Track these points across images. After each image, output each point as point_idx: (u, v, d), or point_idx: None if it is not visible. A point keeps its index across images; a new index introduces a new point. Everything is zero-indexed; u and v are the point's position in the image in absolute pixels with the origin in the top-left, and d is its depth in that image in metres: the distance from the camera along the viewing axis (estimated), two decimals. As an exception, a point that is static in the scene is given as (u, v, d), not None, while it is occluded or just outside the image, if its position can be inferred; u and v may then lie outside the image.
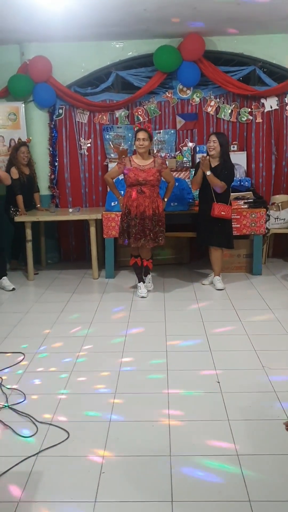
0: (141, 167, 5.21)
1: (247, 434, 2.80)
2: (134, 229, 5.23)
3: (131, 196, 5.23)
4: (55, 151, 6.88)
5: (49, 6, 4.99)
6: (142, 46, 6.60)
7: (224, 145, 5.45)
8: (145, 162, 5.23)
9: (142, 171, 5.18)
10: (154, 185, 5.25)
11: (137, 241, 5.26)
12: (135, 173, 5.18)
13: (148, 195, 5.21)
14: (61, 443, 2.76)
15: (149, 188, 5.21)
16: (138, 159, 5.26)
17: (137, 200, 5.21)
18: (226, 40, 6.56)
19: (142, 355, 3.93)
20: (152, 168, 5.21)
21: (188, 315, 4.83)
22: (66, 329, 4.54)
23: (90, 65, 6.70)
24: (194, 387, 3.37)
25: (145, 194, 5.20)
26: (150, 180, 5.18)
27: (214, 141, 5.40)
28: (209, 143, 5.45)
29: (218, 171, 5.41)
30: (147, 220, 5.21)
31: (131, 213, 5.24)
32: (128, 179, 5.23)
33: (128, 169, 5.22)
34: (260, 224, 6.01)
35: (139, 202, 5.21)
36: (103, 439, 2.78)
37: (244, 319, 4.65)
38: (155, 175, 5.20)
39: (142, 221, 5.22)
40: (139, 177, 5.16)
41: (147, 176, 5.17)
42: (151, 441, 2.76)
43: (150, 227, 5.24)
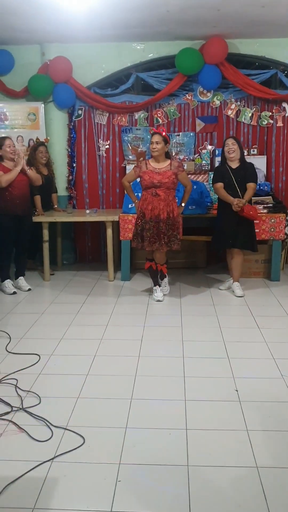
0: (156, 169, 5.17)
1: (266, 446, 2.73)
2: (148, 233, 5.19)
3: (146, 199, 5.19)
4: (73, 152, 6.87)
5: (72, 6, 4.98)
6: (163, 48, 6.56)
7: (241, 148, 5.48)
8: (161, 165, 5.20)
9: (157, 173, 5.14)
10: (170, 188, 5.19)
11: (152, 244, 5.21)
12: (150, 176, 5.14)
13: (163, 198, 5.16)
14: (76, 448, 2.71)
15: (164, 191, 5.16)
16: (154, 162, 5.23)
17: (152, 203, 5.16)
18: (248, 43, 6.49)
19: (158, 360, 3.88)
20: (168, 170, 5.17)
21: (205, 321, 4.77)
22: (81, 331, 4.51)
23: (111, 66, 6.68)
24: (212, 395, 3.31)
25: (160, 197, 5.15)
26: (165, 182, 5.13)
27: (233, 144, 5.39)
28: (227, 146, 5.40)
29: (240, 172, 5.38)
30: (161, 223, 5.16)
31: (145, 216, 5.19)
32: (143, 182, 5.21)
33: (143, 172, 5.19)
34: (279, 230, 5.93)
35: (154, 205, 5.16)
36: (119, 446, 2.73)
37: (263, 326, 4.58)
38: (170, 178, 5.15)
39: (157, 224, 5.16)
40: (154, 179, 5.12)
41: (162, 179, 5.12)
42: (168, 450, 2.71)
43: (164, 231, 5.18)
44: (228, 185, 5.40)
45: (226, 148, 5.43)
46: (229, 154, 5.39)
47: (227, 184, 5.41)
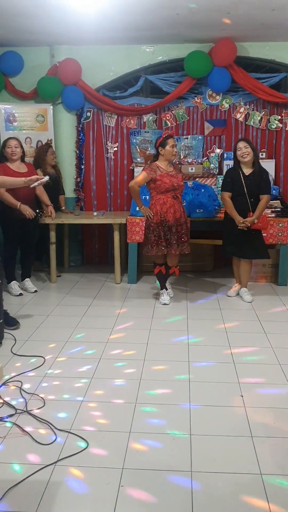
0: (169, 172, 5.14)
1: (271, 453, 2.70)
2: (174, 236, 5.18)
3: (166, 202, 5.12)
4: (81, 154, 6.87)
5: (82, 8, 4.98)
6: (172, 50, 6.55)
7: (255, 149, 5.31)
8: (170, 168, 5.20)
9: (172, 176, 5.13)
10: (182, 191, 5.31)
11: (178, 247, 5.23)
12: (170, 179, 5.09)
13: (180, 201, 5.26)
14: (80, 452, 2.70)
15: (180, 194, 5.25)
16: (164, 165, 5.16)
17: (173, 206, 5.14)
18: (257, 46, 6.47)
19: (164, 364, 3.86)
20: (178, 174, 5.21)
21: (211, 325, 4.74)
22: (87, 334, 4.50)
23: (120, 69, 6.68)
24: (217, 401, 3.28)
25: (179, 199, 5.21)
26: (181, 185, 5.20)
27: (245, 147, 5.18)
28: (240, 150, 5.20)
29: (254, 180, 5.23)
30: (184, 226, 5.25)
31: (169, 220, 5.13)
32: (163, 185, 5.07)
33: (161, 175, 5.09)
34: (287, 234, 5.89)
35: (175, 208, 5.16)
36: (122, 450, 2.72)
37: (270, 331, 4.54)
38: (182, 181, 5.24)
39: (180, 227, 5.21)
40: (174, 182, 5.10)
41: (178, 182, 5.15)
42: (171, 455, 2.69)
43: (186, 233, 5.28)
44: (238, 193, 5.25)
45: (239, 152, 5.22)
46: (244, 158, 5.19)
47: (237, 191, 5.25)
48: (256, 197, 5.25)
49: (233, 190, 5.29)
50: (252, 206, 5.24)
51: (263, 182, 5.24)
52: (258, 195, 5.25)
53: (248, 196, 5.23)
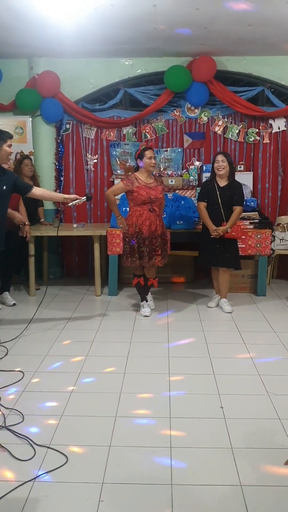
0: (148, 184, 5.13)
1: (251, 464, 2.70)
2: (147, 249, 5.14)
3: (142, 215, 5.12)
4: (61, 166, 6.87)
5: (61, 21, 5.01)
6: (151, 64, 6.62)
7: (231, 164, 5.40)
8: (150, 180, 5.18)
9: (150, 189, 5.12)
10: (162, 204, 5.29)
11: (150, 260, 5.19)
12: (146, 191, 5.09)
13: (158, 214, 5.21)
14: (59, 468, 2.67)
15: (158, 206, 5.20)
16: (144, 177, 5.16)
17: (149, 219, 5.13)
18: (235, 60, 6.58)
19: (144, 377, 3.85)
20: (158, 186, 5.20)
21: (191, 336, 4.75)
22: (66, 348, 4.46)
23: (99, 82, 6.72)
24: (197, 413, 3.28)
25: (156, 212, 5.17)
26: (159, 197, 5.17)
27: (222, 161, 5.32)
28: (217, 163, 5.35)
29: (227, 191, 5.34)
30: (159, 239, 5.19)
31: (143, 232, 5.13)
32: (139, 197, 5.08)
33: (138, 187, 5.09)
34: (265, 245, 5.96)
35: (151, 221, 5.14)
36: (102, 465, 2.69)
37: (249, 341, 4.57)
38: (162, 193, 5.22)
39: (155, 240, 5.17)
40: (151, 194, 5.09)
41: (156, 194, 5.13)
42: (152, 469, 2.67)
43: (161, 246, 5.22)
44: (212, 203, 5.39)
45: (215, 165, 5.37)
46: (219, 171, 5.34)
47: (211, 202, 5.39)
48: (229, 208, 5.35)
49: (208, 201, 5.41)
50: (226, 216, 5.34)
51: (236, 195, 5.35)
52: (231, 207, 5.35)
53: (222, 207, 5.34)
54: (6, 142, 4.32)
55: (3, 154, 4.35)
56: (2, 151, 4.32)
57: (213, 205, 5.39)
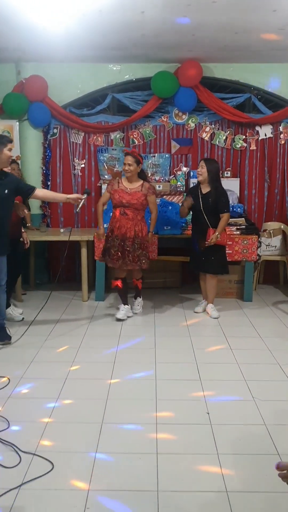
0: (127, 189, 5.23)
1: (237, 470, 2.71)
2: (113, 250, 5.23)
3: (115, 216, 5.27)
4: (48, 170, 6.85)
5: (49, 27, 5.00)
6: (139, 70, 6.64)
7: (212, 171, 5.35)
8: (133, 185, 5.25)
9: (127, 193, 5.21)
10: (138, 209, 5.26)
11: (115, 261, 5.25)
12: (120, 195, 5.21)
13: (131, 218, 5.21)
14: (45, 475, 2.65)
15: (132, 211, 5.22)
16: (127, 181, 5.29)
17: (120, 221, 5.22)
18: (222, 67, 6.62)
19: (130, 383, 3.84)
20: (138, 192, 5.22)
21: (178, 342, 4.76)
22: (53, 354, 4.44)
23: (87, 87, 6.72)
24: (183, 418, 3.29)
25: (128, 216, 5.21)
26: (133, 203, 5.19)
27: (202, 167, 5.35)
28: (198, 169, 5.44)
29: (209, 198, 5.36)
30: (127, 242, 5.20)
31: (113, 233, 5.25)
32: (113, 200, 5.28)
33: (114, 190, 5.26)
34: (252, 251, 5.99)
35: (121, 223, 5.22)
36: (88, 472, 2.68)
37: (235, 347, 4.59)
38: (139, 199, 5.21)
39: (123, 242, 5.20)
40: (123, 199, 5.19)
41: (131, 199, 5.19)
42: (138, 475, 2.67)
43: (130, 249, 5.21)
44: (196, 209, 5.44)
45: (197, 170, 5.50)
46: (197, 177, 5.43)
47: (195, 207, 5.44)
48: (212, 215, 5.36)
49: (193, 207, 5.47)
50: (210, 222, 5.35)
51: (220, 202, 5.35)
52: (215, 213, 5.36)
53: (204, 213, 5.37)
54: (6, 146, 4.38)
55: (4, 158, 4.39)
56: (3, 155, 4.36)
57: (196, 211, 5.45)
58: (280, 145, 6.78)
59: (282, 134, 6.74)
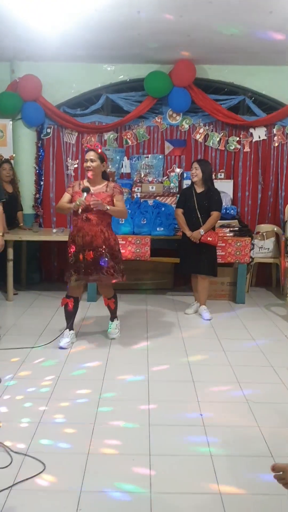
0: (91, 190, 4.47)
1: (231, 472, 2.69)
2: (83, 263, 4.43)
3: (77, 225, 4.47)
4: (41, 170, 6.82)
5: (44, 26, 4.98)
6: (133, 70, 6.63)
7: (206, 172, 5.40)
8: (96, 186, 4.50)
9: (89, 195, 4.40)
10: (104, 213, 4.44)
11: (87, 276, 4.51)
12: (80, 196, 4.39)
13: (95, 223, 4.42)
14: (36, 475, 2.61)
15: (97, 216, 4.41)
16: (88, 183, 4.52)
17: (82, 229, 4.43)
18: (217, 69, 6.63)
19: (123, 383, 3.81)
20: (102, 192, 4.48)
21: (171, 344, 4.73)
22: (44, 354, 4.39)
23: (81, 87, 6.70)
24: (176, 420, 3.26)
25: (92, 222, 4.41)
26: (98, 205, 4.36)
27: (196, 168, 5.39)
28: (191, 170, 5.45)
29: (204, 198, 5.39)
30: (95, 252, 4.42)
31: (76, 244, 4.47)
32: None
33: (75, 192, 4.49)
34: (245, 253, 5.99)
35: (85, 231, 4.41)
36: (80, 473, 2.64)
37: (228, 349, 4.57)
38: (105, 200, 4.41)
39: (90, 253, 4.42)
40: (86, 200, 4.35)
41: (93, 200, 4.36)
42: (131, 476, 2.63)
43: (94, 260, 4.42)
44: (190, 209, 5.44)
45: (190, 172, 5.50)
46: (192, 178, 5.44)
47: (189, 207, 5.45)
48: (206, 215, 5.40)
49: (187, 207, 5.48)
50: (203, 222, 5.37)
51: (212, 201, 5.39)
52: (208, 213, 5.40)
53: (199, 213, 5.38)
54: None
55: None
56: None
57: (191, 211, 5.45)
58: (273, 147, 6.80)
59: (275, 136, 6.76)
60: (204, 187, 5.42)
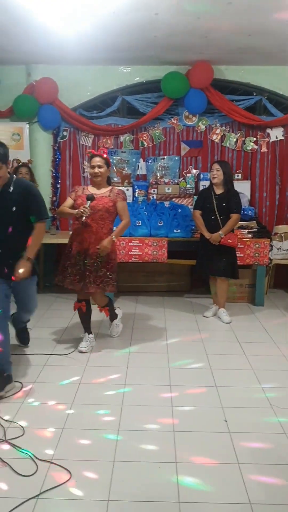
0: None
1: (259, 480, 2.65)
2: (74, 269, 4.37)
3: (76, 229, 4.43)
4: (57, 173, 6.82)
5: (61, 28, 4.97)
6: (149, 72, 6.60)
7: (227, 173, 5.39)
8: (100, 191, 4.44)
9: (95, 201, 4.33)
10: (104, 219, 4.37)
11: (74, 283, 4.40)
12: (83, 200, 4.34)
13: (95, 231, 4.34)
14: (62, 484, 2.59)
15: (97, 223, 4.34)
16: (93, 188, 4.48)
17: (81, 234, 4.37)
18: (233, 69, 6.58)
19: (145, 388, 3.78)
20: (105, 196, 4.39)
21: (191, 347, 4.70)
22: (64, 358, 4.38)
23: (97, 89, 6.69)
24: (201, 426, 3.22)
25: (91, 228, 4.33)
26: (98, 209, 4.31)
27: (217, 170, 5.35)
28: (212, 171, 5.40)
29: (223, 199, 5.35)
30: (89, 259, 4.34)
31: (72, 249, 4.42)
32: (76, 208, 4.36)
33: (78, 196, 4.42)
34: (264, 255, 5.93)
35: (83, 237, 4.35)
36: (107, 481, 2.62)
37: (249, 353, 4.53)
38: (106, 205, 4.35)
39: (84, 260, 4.36)
40: (86, 204, 4.28)
41: (95, 205, 4.30)
42: (158, 485, 2.61)
43: (92, 269, 4.35)
44: (209, 211, 5.40)
45: (210, 174, 5.44)
46: (213, 179, 5.39)
47: (208, 209, 5.40)
48: (226, 216, 5.36)
49: (205, 209, 5.43)
50: (223, 224, 5.34)
51: (232, 202, 5.34)
52: (228, 215, 5.36)
53: (218, 215, 5.34)
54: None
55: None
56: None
57: (209, 213, 5.40)
58: (291, 148, 6.73)
59: (293, 136, 6.70)
60: (224, 188, 5.38)
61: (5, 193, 3.61)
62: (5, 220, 3.62)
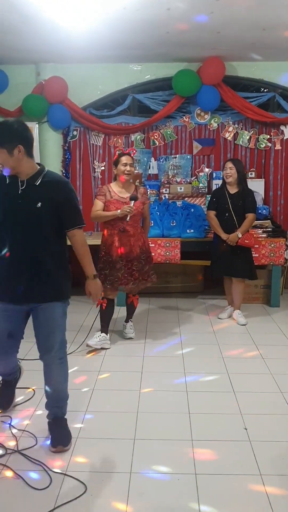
0: (122, 198, 4.46)
1: (282, 492, 2.53)
2: (119, 273, 4.43)
3: (112, 234, 4.46)
4: (68, 173, 6.72)
5: (71, 26, 4.86)
6: (160, 69, 6.48)
7: (240, 171, 5.27)
8: (127, 193, 4.48)
9: (124, 203, 4.40)
10: (137, 221, 4.51)
11: (126, 285, 4.49)
12: (117, 206, 4.38)
13: (132, 233, 4.46)
14: (78, 497, 2.49)
15: (133, 226, 4.46)
16: (118, 188, 4.49)
17: (119, 240, 4.43)
18: (246, 65, 6.43)
19: (160, 394, 3.67)
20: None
21: (206, 350, 4.58)
22: (77, 362, 4.27)
23: (107, 87, 6.58)
24: (220, 434, 3.10)
25: (129, 232, 4.44)
26: (134, 215, 4.41)
27: (230, 168, 5.23)
28: (225, 170, 5.28)
29: (239, 198, 5.23)
30: (134, 261, 4.46)
31: (112, 255, 4.45)
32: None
33: (109, 201, 4.42)
34: (279, 254, 5.79)
35: (122, 243, 4.43)
36: (124, 494, 2.52)
37: (267, 356, 4.40)
38: (139, 208, 4.45)
39: (129, 263, 4.46)
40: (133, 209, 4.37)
41: (130, 209, 4.35)
42: (178, 497, 2.50)
43: (139, 268, 4.50)
44: (223, 211, 5.27)
45: (224, 172, 5.32)
46: (227, 178, 5.27)
47: (222, 209, 5.27)
48: (241, 216, 5.24)
49: (220, 209, 5.30)
50: (239, 223, 5.22)
51: (247, 202, 5.23)
52: (243, 214, 5.24)
53: (233, 214, 5.22)
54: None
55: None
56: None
57: (224, 212, 5.28)
58: (306, 145, 6.58)
59: (308, 133, 6.55)
60: (239, 187, 5.26)
61: (31, 187, 2.86)
62: (28, 220, 2.84)
